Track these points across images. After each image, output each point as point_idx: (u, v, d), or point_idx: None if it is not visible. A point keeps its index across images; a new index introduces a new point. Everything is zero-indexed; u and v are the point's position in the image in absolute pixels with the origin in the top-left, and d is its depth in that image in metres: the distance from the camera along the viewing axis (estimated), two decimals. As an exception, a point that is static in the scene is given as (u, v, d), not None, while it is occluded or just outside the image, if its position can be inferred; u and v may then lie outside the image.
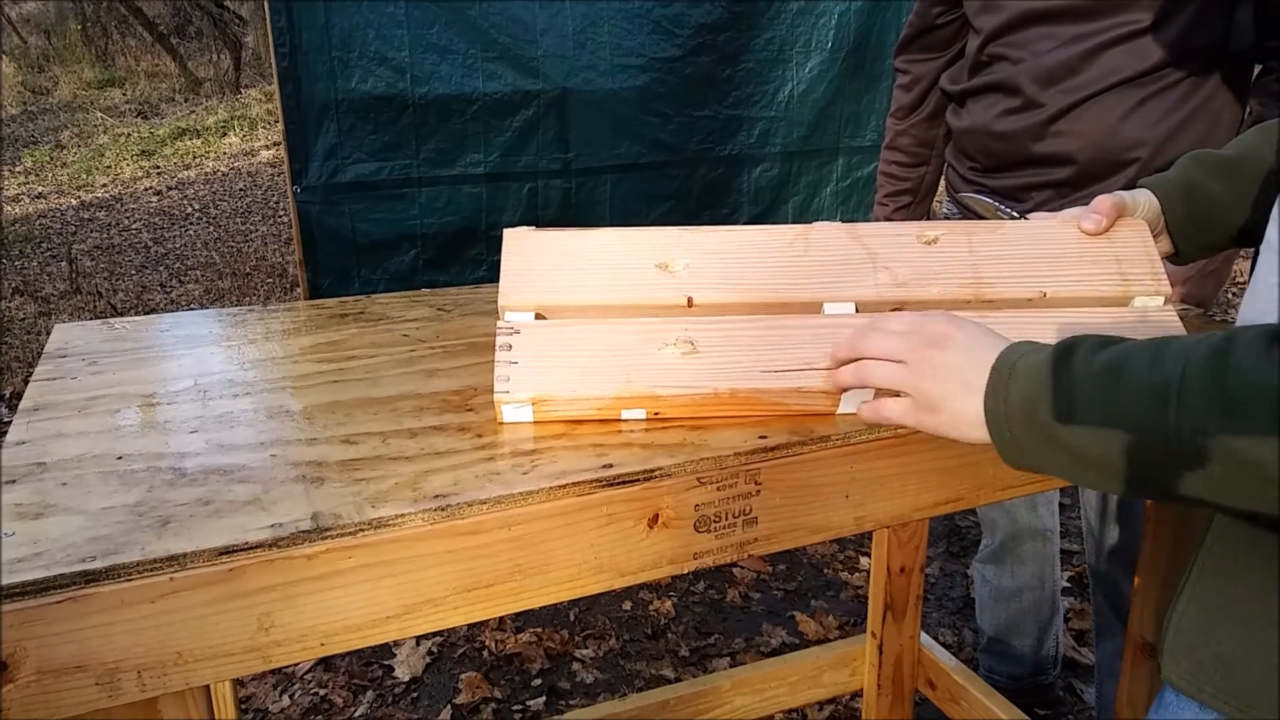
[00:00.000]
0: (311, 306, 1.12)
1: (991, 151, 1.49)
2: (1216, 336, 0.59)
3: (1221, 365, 0.57)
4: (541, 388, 0.80)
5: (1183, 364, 0.58)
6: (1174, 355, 0.60)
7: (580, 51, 2.77)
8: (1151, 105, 1.34)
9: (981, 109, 1.48)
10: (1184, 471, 0.59)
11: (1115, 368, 0.62)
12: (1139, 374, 0.60)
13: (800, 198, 3.19)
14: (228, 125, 8.42)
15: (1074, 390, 0.63)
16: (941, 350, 0.71)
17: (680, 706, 1.58)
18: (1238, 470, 0.56)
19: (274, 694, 2.04)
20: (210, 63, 10.68)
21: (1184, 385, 0.58)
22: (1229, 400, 0.56)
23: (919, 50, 1.64)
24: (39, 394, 0.86)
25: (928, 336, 0.72)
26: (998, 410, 0.67)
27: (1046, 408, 0.64)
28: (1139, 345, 0.63)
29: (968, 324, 0.74)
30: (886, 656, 1.67)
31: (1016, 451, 0.67)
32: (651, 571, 0.75)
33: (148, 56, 10.91)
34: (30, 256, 5.38)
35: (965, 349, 0.71)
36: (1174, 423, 0.58)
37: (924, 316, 0.75)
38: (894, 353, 0.74)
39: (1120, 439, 0.61)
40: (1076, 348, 0.65)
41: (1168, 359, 0.60)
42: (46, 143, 8.06)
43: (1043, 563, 1.83)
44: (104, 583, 0.60)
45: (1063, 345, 0.66)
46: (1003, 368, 0.68)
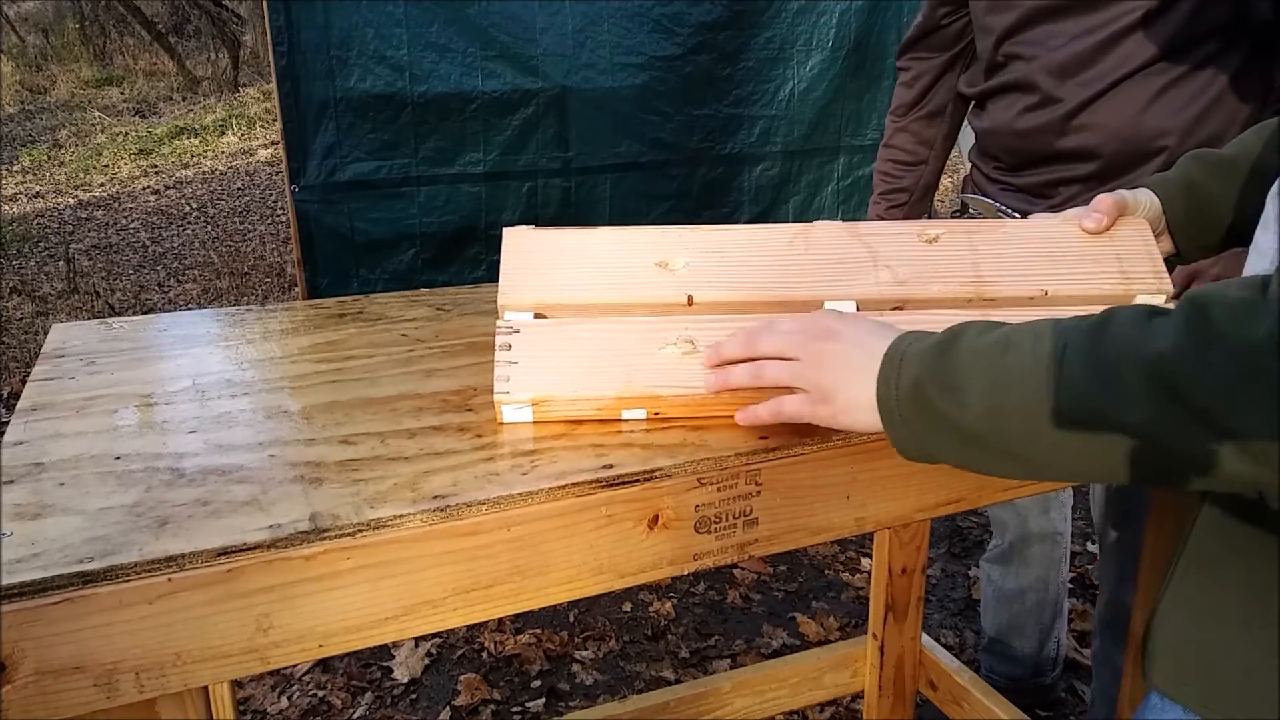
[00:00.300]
0: (310, 306, 1.12)
1: (1015, 150, 1.47)
2: (1101, 311, 0.60)
3: (1100, 336, 0.58)
4: (541, 388, 0.79)
5: (1065, 338, 0.59)
6: (1058, 330, 0.61)
7: (580, 50, 2.76)
8: (1173, 92, 1.31)
9: (1001, 109, 1.47)
10: (1068, 444, 0.59)
11: (1001, 344, 0.62)
12: (1024, 348, 0.61)
13: (801, 197, 3.19)
14: (226, 124, 8.41)
15: (960, 367, 0.63)
16: (832, 342, 0.72)
17: (680, 708, 1.57)
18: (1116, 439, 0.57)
19: (272, 695, 2.03)
20: (208, 61, 10.67)
21: (1065, 356, 0.58)
22: (1104, 370, 0.56)
23: (922, 50, 1.64)
24: (37, 394, 0.86)
25: (818, 331, 0.73)
26: (889, 396, 0.67)
27: (934, 386, 0.64)
28: (1026, 324, 0.63)
29: (856, 318, 0.75)
30: (888, 658, 1.67)
31: (908, 437, 0.67)
32: (651, 573, 0.75)
33: (146, 55, 10.90)
34: (28, 256, 5.38)
35: (855, 339, 0.71)
36: (1056, 393, 0.58)
37: (813, 314, 0.76)
38: (786, 350, 0.74)
39: (1006, 413, 0.61)
40: (965, 331, 0.66)
41: (1051, 334, 0.61)
42: (44, 142, 8.05)
43: (1048, 566, 1.83)
44: (102, 583, 0.59)
45: (952, 329, 0.66)
46: (894, 355, 0.68)
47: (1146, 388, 0.55)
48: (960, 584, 2.42)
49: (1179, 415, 0.54)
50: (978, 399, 0.62)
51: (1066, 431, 0.58)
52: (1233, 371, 0.52)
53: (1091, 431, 0.57)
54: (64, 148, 7.88)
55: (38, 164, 7.43)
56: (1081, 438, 0.58)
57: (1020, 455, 0.62)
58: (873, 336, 0.71)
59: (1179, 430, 0.54)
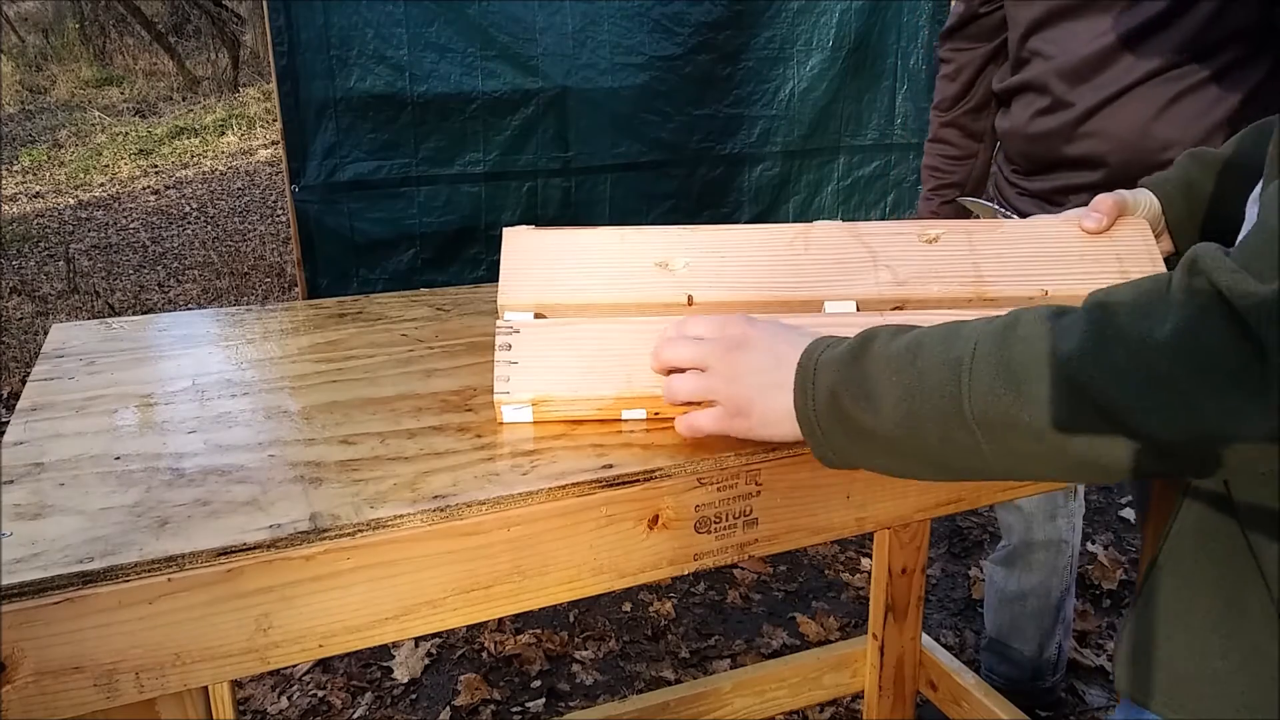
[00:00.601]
0: (310, 306, 1.12)
1: (1027, 154, 1.45)
2: (1008, 313, 0.60)
3: (1007, 338, 0.58)
4: (541, 388, 0.79)
5: (974, 341, 0.59)
6: (967, 334, 0.60)
7: (580, 50, 2.76)
8: (1187, 101, 1.26)
9: (1018, 110, 1.45)
10: (986, 448, 0.59)
11: (912, 349, 0.62)
12: (932, 353, 0.61)
13: (801, 197, 3.19)
14: (226, 124, 8.41)
15: (873, 375, 0.63)
16: (745, 352, 0.71)
17: (680, 708, 1.57)
18: (1026, 440, 0.57)
19: (272, 695, 2.03)
20: (208, 61, 10.67)
21: (974, 360, 0.58)
22: (1011, 371, 0.56)
23: (962, 40, 1.60)
24: (37, 394, 0.86)
25: (729, 340, 0.72)
26: (806, 407, 0.67)
27: (847, 398, 0.64)
28: (935, 328, 0.63)
29: (765, 323, 0.73)
30: (888, 658, 1.67)
31: (829, 447, 0.67)
32: (651, 573, 0.75)
33: (145, 55, 10.90)
34: (28, 256, 5.37)
35: (767, 347, 0.70)
36: (967, 397, 0.58)
37: (723, 318, 0.74)
38: (697, 360, 0.73)
39: (920, 419, 0.61)
40: (875, 336, 0.65)
41: (961, 338, 0.60)
42: (44, 142, 8.05)
43: (1050, 573, 1.82)
44: (102, 584, 0.59)
45: (863, 334, 0.66)
46: (807, 364, 0.67)
47: (1055, 390, 0.55)
48: (960, 584, 2.42)
49: (1088, 416, 0.54)
50: (892, 407, 0.62)
51: (980, 436, 0.59)
52: (1137, 372, 0.52)
53: (1005, 434, 0.58)
54: (64, 148, 7.88)
55: (38, 164, 7.43)
56: (996, 441, 0.58)
57: (939, 461, 0.63)
58: (785, 343, 0.70)
59: (1089, 430, 0.54)
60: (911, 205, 3.33)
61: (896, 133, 3.24)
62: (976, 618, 2.29)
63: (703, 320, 0.75)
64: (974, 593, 2.37)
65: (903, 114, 3.23)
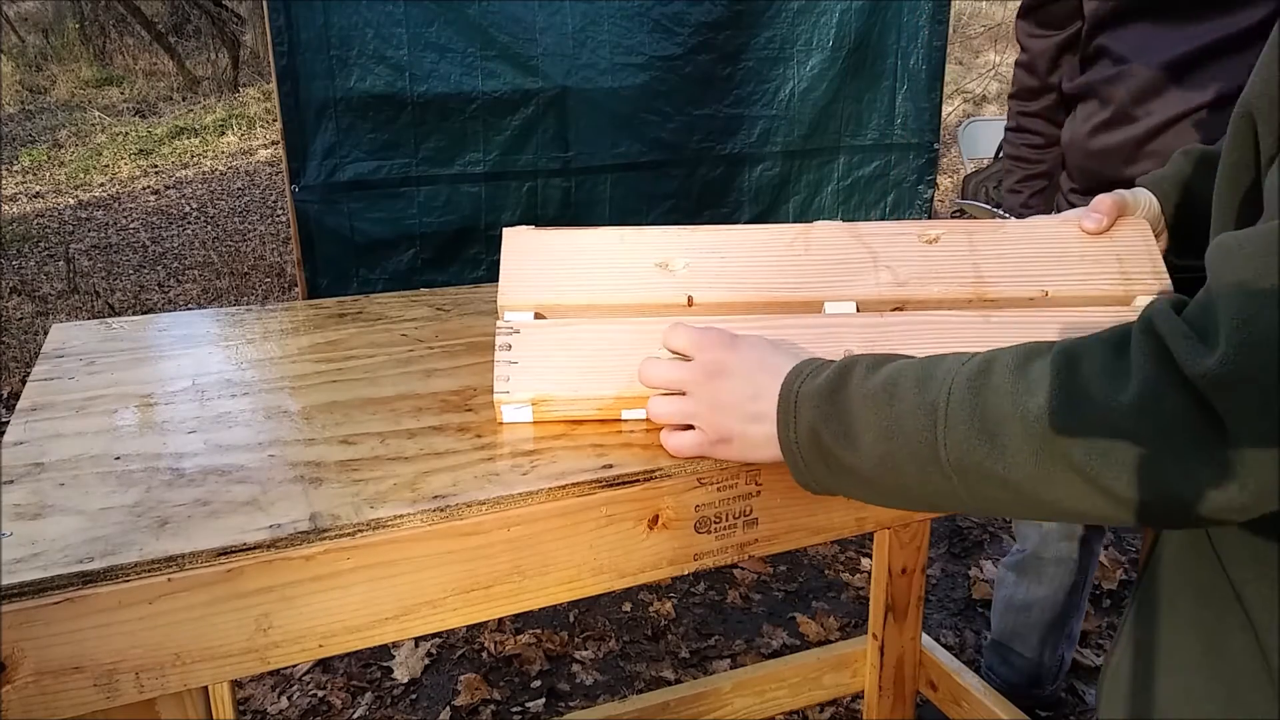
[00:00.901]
0: (310, 306, 1.12)
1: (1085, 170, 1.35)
2: (980, 356, 0.61)
3: (980, 388, 0.59)
4: (542, 388, 0.79)
5: (948, 385, 0.60)
6: (941, 376, 0.61)
7: (580, 50, 2.76)
8: None
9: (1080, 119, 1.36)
10: (962, 492, 0.60)
11: (889, 388, 0.63)
12: (908, 395, 0.62)
13: (801, 197, 3.19)
14: (226, 124, 8.41)
15: (851, 412, 0.64)
16: (724, 380, 0.71)
17: (680, 708, 1.57)
18: (1002, 489, 0.58)
19: (272, 695, 2.03)
20: (208, 61, 10.66)
21: (949, 407, 0.59)
22: (985, 423, 0.58)
23: (1037, 24, 1.52)
24: (37, 394, 0.86)
25: (706, 367, 0.72)
26: (789, 440, 0.68)
27: (828, 436, 0.65)
28: (911, 365, 0.64)
29: (745, 346, 0.73)
30: (888, 658, 1.67)
31: (813, 480, 0.68)
32: (651, 573, 0.75)
33: (145, 55, 10.89)
34: (28, 256, 5.37)
35: (746, 376, 0.71)
36: (943, 445, 0.59)
37: (701, 338, 0.74)
38: (676, 384, 0.74)
39: (898, 461, 0.62)
40: (852, 368, 0.66)
41: (935, 379, 0.61)
42: (44, 142, 8.04)
43: (1059, 589, 1.80)
44: (102, 584, 0.59)
45: (841, 366, 0.67)
46: (788, 395, 0.68)
47: (1027, 446, 0.56)
48: (960, 584, 2.42)
49: (1061, 472, 0.55)
50: (870, 446, 0.63)
51: (957, 481, 0.60)
52: (1103, 434, 0.53)
53: (981, 483, 0.59)
54: (64, 148, 7.87)
55: (38, 164, 7.43)
56: (972, 488, 0.60)
57: (918, 498, 0.64)
58: (765, 372, 0.70)
59: (1063, 484, 0.56)
60: (912, 205, 3.33)
61: (896, 133, 3.24)
62: (977, 617, 2.29)
63: (685, 334, 0.76)
64: (974, 593, 2.37)
65: (903, 114, 3.23)
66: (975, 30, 11.29)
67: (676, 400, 0.74)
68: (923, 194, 3.34)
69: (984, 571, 2.45)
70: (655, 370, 0.76)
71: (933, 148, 3.32)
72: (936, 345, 0.84)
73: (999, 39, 10.70)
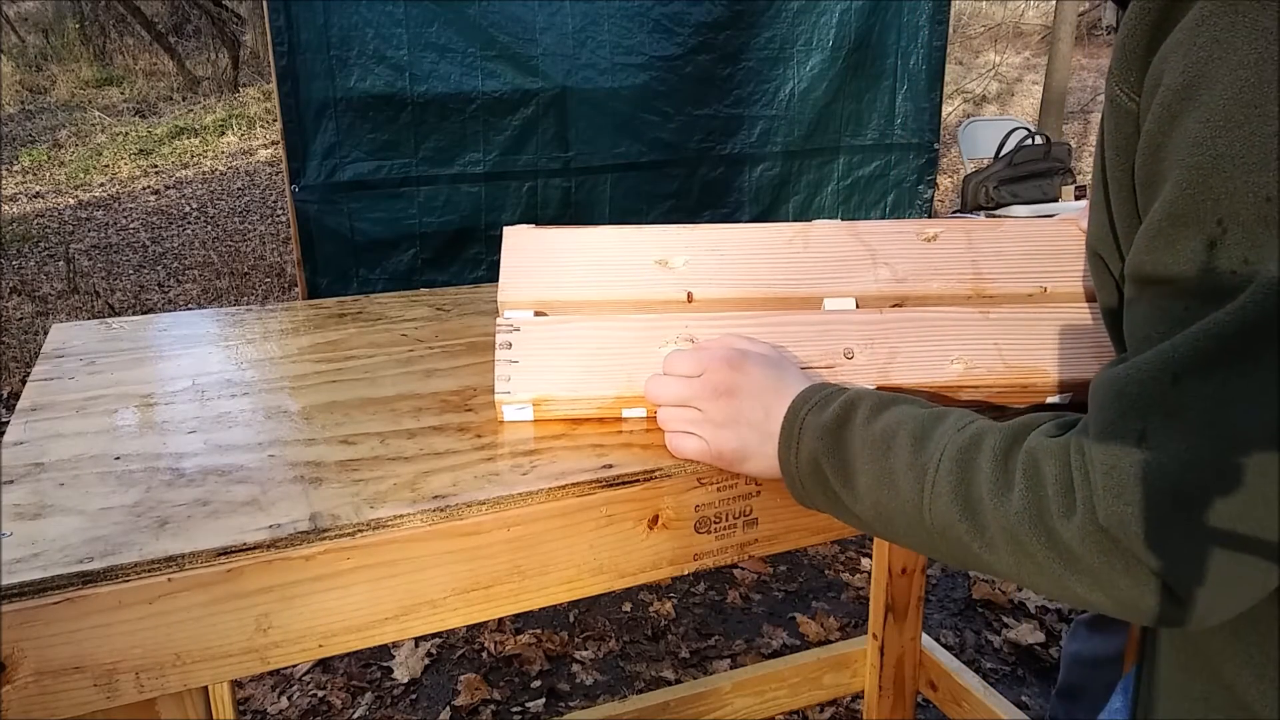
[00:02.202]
0: (310, 306, 1.12)
1: None
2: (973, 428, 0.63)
3: (967, 466, 0.60)
4: (542, 388, 0.79)
5: (939, 454, 0.62)
6: (936, 440, 0.63)
7: (580, 50, 2.76)
8: None
9: None
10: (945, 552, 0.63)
11: (885, 440, 0.65)
12: (903, 452, 0.64)
13: (801, 197, 3.19)
14: (226, 124, 8.41)
15: (851, 455, 0.66)
16: (731, 399, 0.73)
17: (680, 708, 1.57)
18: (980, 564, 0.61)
19: (272, 695, 2.03)
20: (208, 61, 10.66)
21: (937, 476, 0.61)
22: (968, 503, 0.60)
23: None
24: (37, 394, 0.86)
25: (716, 386, 0.73)
26: (789, 463, 0.70)
27: (829, 469, 0.67)
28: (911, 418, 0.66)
29: (753, 364, 0.74)
30: (888, 658, 1.67)
31: (808, 501, 0.71)
32: (651, 573, 0.75)
33: (145, 55, 10.89)
34: (28, 256, 5.37)
35: (755, 396, 0.72)
36: (928, 510, 0.62)
37: (708, 358, 0.75)
38: (685, 400, 0.75)
39: (889, 514, 0.64)
40: (857, 408, 0.68)
41: (930, 443, 0.63)
42: (44, 142, 8.04)
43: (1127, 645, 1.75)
44: (102, 584, 0.59)
45: (846, 403, 0.68)
46: (793, 421, 0.70)
47: (1003, 539, 0.58)
48: (960, 584, 2.42)
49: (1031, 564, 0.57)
50: (865, 492, 0.65)
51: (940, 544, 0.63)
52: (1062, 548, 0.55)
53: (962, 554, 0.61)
54: (64, 148, 7.87)
55: (38, 164, 7.43)
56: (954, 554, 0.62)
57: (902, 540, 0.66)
58: (773, 393, 0.72)
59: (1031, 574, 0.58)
60: (912, 205, 3.33)
61: (896, 133, 3.24)
62: (977, 617, 2.29)
63: (689, 355, 0.77)
64: (974, 593, 2.37)
65: (903, 114, 3.23)
66: (975, 30, 11.29)
67: (687, 411, 0.75)
68: (923, 194, 3.34)
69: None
70: (662, 388, 0.76)
71: (933, 148, 3.33)
72: (935, 341, 0.84)
73: (999, 39, 10.69)
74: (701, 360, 0.75)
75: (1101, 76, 9.80)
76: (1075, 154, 6.00)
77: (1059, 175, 1.69)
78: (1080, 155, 7.30)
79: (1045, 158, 1.66)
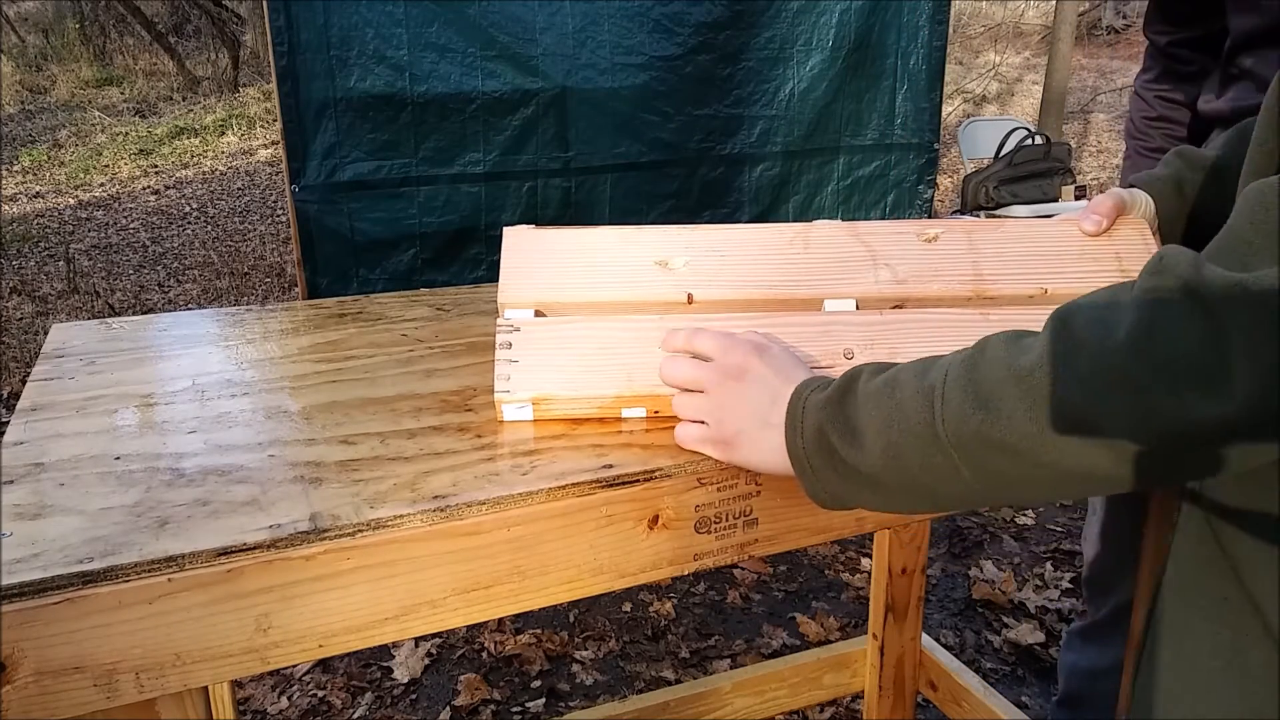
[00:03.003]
0: (310, 306, 1.12)
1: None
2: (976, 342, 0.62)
3: (975, 363, 0.59)
4: (542, 387, 0.79)
5: (946, 368, 0.61)
6: (941, 363, 0.62)
7: (580, 50, 2.76)
8: None
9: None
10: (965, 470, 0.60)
11: (890, 383, 0.64)
12: (909, 385, 0.63)
13: (801, 197, 3.19)
14: (226, 124, 8.41)
15: (855, 411, 0.65)
16: (739, 382, 0.72)
17: (680, 708, 1.57)
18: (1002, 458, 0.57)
19: (272, 695, 2.03)
20: (208, 61, 10.66)
21: (945, 386, 0.60)
22: (979, 391, 0.58)
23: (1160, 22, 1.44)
24: (37, 394, 0.86)
25: (727, 368, 0.73)
26: (796, 445, 0.68)
27: (835, 433, 0.65)
28: (915, 362, 0.65)
29: (770, 353, 0.74)
30: (888, 658, 1.67)
31: (820, 486, 0.68)
32: (651, 573, 0.75)
33: (145, 55, 10.89)
34: (28, 256, 5.37)
35: (763, 381, 0.72)
36: (940, 420, 0.59)
37: (728, 341, 0.75)
38: (694, 383, 0.75)
39: (900, 449, 0.62)
40: (859, 374, 0.67)
41: (934, 368, 0.62)
42: (44, 142, 8.05)
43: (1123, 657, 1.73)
44: (102, 584, 0.59)
45: (847, 374, 0.68)
46: (796, 403, 0.69)
47: (1022, 405, 0.56)
48: (960, 584, 2.42)
49: (1055, 427, 0.55)
50: (874, 439, 0.63)
51: (958, 458, 0.59)
52: (1096, 377, 0.53)
53: (981, 455, 0.58)
54: (64, 148, 7.87)
55: (38, 164, 7.43)
56: (973, 463, 0.59)
57: (924, 491, 0.63)
58: (782, 379, 0.71)
59: (1060, 443, 0.55)
60: (912, 205, 3.33)
61: (896, 133, 3.24)
62: (977, 617, 2.29)
63: (710, 337, 0.76)
64: (974, 593, 2.37)
65: (903, 114, 3.23)
66: (975, 30, 11.30)
67: (696, 397, 0.75)
68: (923, 194, 3.34)
69: (984, 571, 2.45)
70: (675, 368, 0.76)
71: (933, 148, 3.33)
72: (936, 342, 0.84)
73: (999, 39, 10.69)
74: (721, 343, 0.75)
75: (1102, 77, 9.80)
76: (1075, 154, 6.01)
77: (1059, 175, 1.68)
78: (1080, 155, 7.30)
79: (1045, 158, 1.66)
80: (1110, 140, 7.67)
